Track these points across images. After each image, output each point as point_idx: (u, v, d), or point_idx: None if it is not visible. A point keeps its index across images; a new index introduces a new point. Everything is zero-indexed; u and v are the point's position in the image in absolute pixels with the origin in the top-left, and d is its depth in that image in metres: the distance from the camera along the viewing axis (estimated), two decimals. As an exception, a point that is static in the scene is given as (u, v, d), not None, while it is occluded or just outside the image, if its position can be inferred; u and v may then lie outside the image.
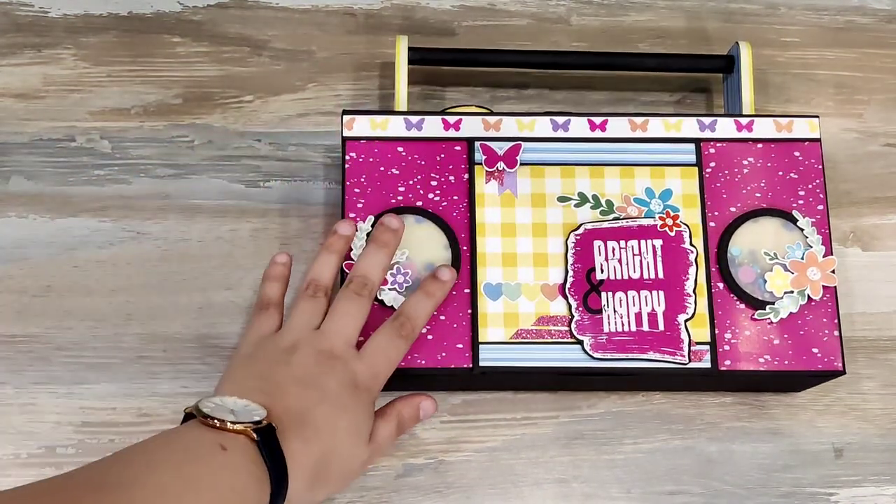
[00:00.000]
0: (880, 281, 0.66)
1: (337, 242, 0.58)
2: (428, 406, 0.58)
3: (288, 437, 0.49)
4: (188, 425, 0.48)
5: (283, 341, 0.54)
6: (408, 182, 0.60)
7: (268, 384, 0.51)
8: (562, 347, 0.57)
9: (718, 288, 0.59)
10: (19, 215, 0.64)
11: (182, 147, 0.67)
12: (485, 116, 0.61)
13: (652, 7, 0.73)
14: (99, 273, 0.63)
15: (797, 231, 0.60)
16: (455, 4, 0.72)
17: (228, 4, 0.71)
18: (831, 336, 0.58)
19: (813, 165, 0.61)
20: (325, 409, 0.51)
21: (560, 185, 0.60)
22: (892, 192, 0.69)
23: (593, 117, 0.61)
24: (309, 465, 0.49)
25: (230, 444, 0.46)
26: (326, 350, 0.53)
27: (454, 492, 0.60)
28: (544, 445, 0.61)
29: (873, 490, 0.62)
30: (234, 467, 0.46)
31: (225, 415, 0.48)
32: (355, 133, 0.61)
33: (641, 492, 0.61)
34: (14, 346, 0.61)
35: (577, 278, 0.58)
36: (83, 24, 0.69)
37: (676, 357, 0.57)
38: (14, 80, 0.67)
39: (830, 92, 0.71)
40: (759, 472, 0.62)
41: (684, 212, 0.60)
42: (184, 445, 0.47)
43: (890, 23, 0.73)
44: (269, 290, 0.58)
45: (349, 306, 0.55)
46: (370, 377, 0.54)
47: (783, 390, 0.63)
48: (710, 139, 0.61)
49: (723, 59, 0.67)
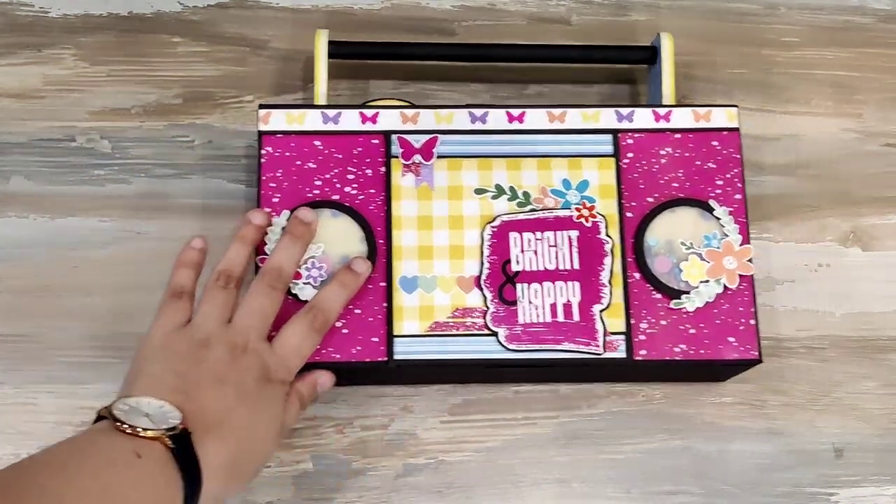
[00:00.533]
0: (880, 281, 0.67)
1: (249, 232, 0.57)
2: (324, 381, 0.57)
3: (204, 438, 0.48)
4: (101, 430, 0.47)
5: (197, 335, 0.53)
6: (324, 176, 0.60)
7: (184, 383, 0.50)
8: (477, 339, 0.57)
9: (635, 278, 0.59)
10: (19, 215, 0.64)
11: (182, 147, 0.67)
12: (402, 110, 0.61)
13: (652, 7, 0.73)
14: (98, 273, 0.63)
15: (714, 220, 0.60)
16: (455, 4, 0.72)
17: (228, 4, 0.71)
18: (747, 325, 0.58)
19: (731, 155, 0.61)
20: (241, 407, 0.51)
21: (477, 178, 0.60)
22: (892, 191, 0.69)
23: (511, 109, 0.61)
24: (224, 465, 0.49)
25: (144, 452, 0.46)
26: (240, 345, 0.53)
27: (454, 492, 0.60)
28: (544, 445, 0.61)
29: (873, 490, 0.62)
30: (149, 475, 0.46)
31: (139, 419, 0.47)
32: (271, 127, 0.60)
33: (641, 492, 0.61)
34: (14, 345, 0.62)
35: (493, 270, 0.58)
36: (83, 24, 0.69)
37: (591, 347, 0.57)
38: (14, 80, 0.67)
39: (829, 92, 0.71)
40: (759, 472, 0.62)
41: (601, 202, 0.60)
42: (98, 452, 0.46)
43: (889, 22, 0.73)
44: (182, 278, 0.57)
45: (262, 300, 0.55)
46: (283, 370, 0.54)
47: (706, 380, 0.63)
48: (628, 130, 0.61)
49: (646, 50, 0.67)
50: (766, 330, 0.64)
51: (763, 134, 0.69)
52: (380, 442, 0.61)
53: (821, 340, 0.65)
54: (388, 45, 0.67)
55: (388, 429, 0.61)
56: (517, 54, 0.68)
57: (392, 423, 0.61)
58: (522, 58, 0.68)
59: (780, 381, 0.64)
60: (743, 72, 0.71)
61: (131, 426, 0.46)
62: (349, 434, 0.61)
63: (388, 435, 0.61)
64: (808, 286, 0.66)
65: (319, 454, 0.61)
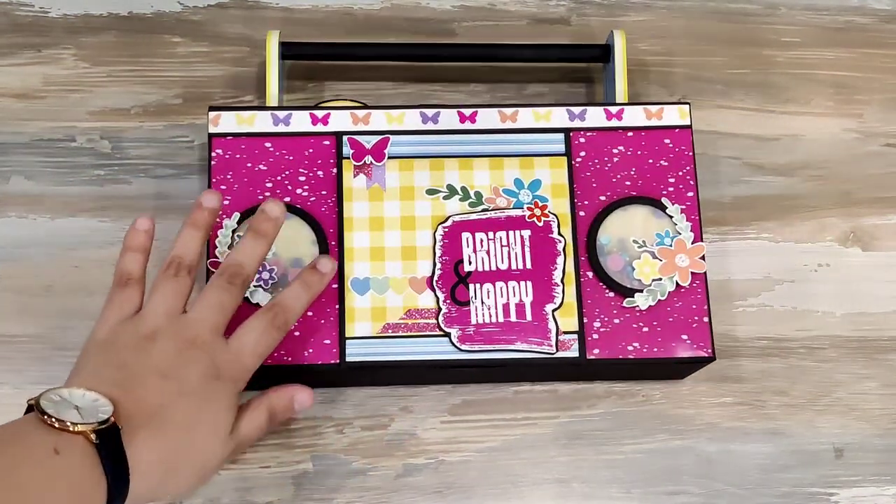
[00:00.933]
0: (880, 281, 0.66)
1: (202, 217, 0.54)
2: (303, 398, 0.55)
3: (136, 433, 0.46)
4: (25, 421, 0.45)
5: (144, 327, 0.51)
6: (275, 178, 0.59)
7: (123, 376, 0.48)
8: (429, 340, 0.57)
9: (587, 277, 0.59)
10: (19, 215, 0.64)
11: (182, 147, 0.67)
12: (353, 110, 0.61)
13: (652, 7, 0.73)
14: (99, 273, 0.63)
15: (666, 218, 0.60)
16: (455, 4, 0.72)
17: (228, 4, 0.71)
18: (701, 322, 0.58)
19: (683, 152, 0.61)
20: (181, 403, 0.49)
21: (429, 178, 0.60)
22: (892, 192, 0.69)
23: (463, 109, 0.61)
24: (157, 462, 0.47)
25: (65, 447, 0.44)
26: (190, 338, 0.50)
27: (454, 492, 0.60)
28: (544, 445, 0.61)
29: (873, 490, 0.62)
30: (68, 471, 0.44)
31: (68, 412, 0.45)
32: (221, 129, 0.60)
33: (641, 492, 0.61)
34: (14, 345, 0.62)
35: (445, 270, 0.58)
36: (83, 24, 0.69)
37: (544, 347, 0.57)
38: (14, 80, 0.67)
39: (830, 92, 0.71)
40: (759, 473, 0.62)
41: (553, 202, 0.60)
42: (14, 446, 0.44)
43: (890, 23, 0.73)
44: (129, 264, 0.54)
45: (220, 295, 0.52)
46: (236, 368, 0.51)
47: (664, 377, 0.63)
48: (580, 128, 0.61)
49: (598, 49, 0.66)
50: (767, 330, 0.65)
51: (763, 134, 0.69)
52: (380, 442, 0.61)
53: (821, 340, 0.65)
54: (341, 45, 0.67)
55: (388, 429, 0.61)
56: (469, 53, 0.67)
57: (392, 423, 0.61)
58: (473, 57, 0.67)
59: (780, 381, 0.64)
60: (743, 72, 0.71)
61: (58, 419, 0.44)
62: (349, 434, 0.61)
63: (388, 435, 0.61)
64: (808, 286, 0.66)
65: (319, 454, 0.61)
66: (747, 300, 0.65)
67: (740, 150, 0.69)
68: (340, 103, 0.62)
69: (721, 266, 0.66)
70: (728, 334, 0.64)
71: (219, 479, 0.59)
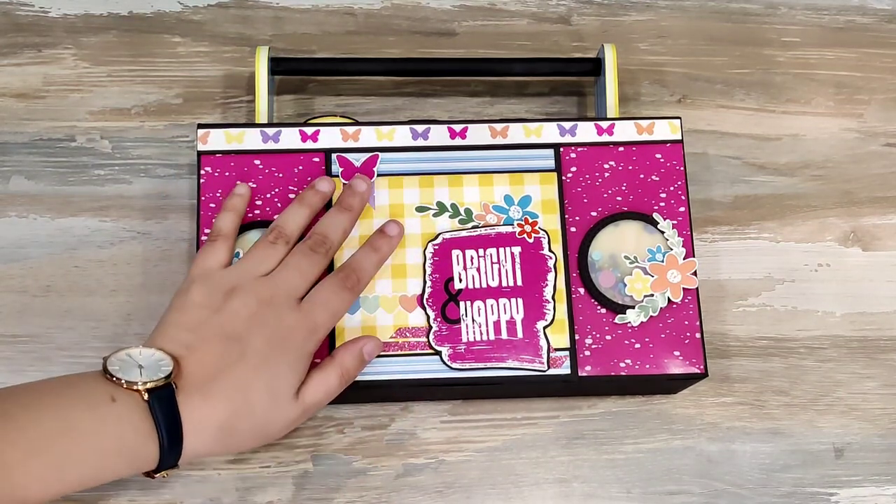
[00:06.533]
0: (880, 281, 0.66)
1: (312, 197, 0.57)
2: (371, 347, 0.55)
3: (192, 394, 0.48)
4: (90, 373, 0.48)
5: (225, 282, 0.53)
6: (265, 195, 0.59)
7: (192, 337, 0.50)
8: (420, 359, 0.57)
9: (579, 293, 0.58)
10: (19, 215, 0.64)
11: (182, 147, 0.67)
12: (343, 127, 0.60)
13: (652, 7, 0.73)
14: (99, 273, 0.63)
15: (658, 234, 0.59)
16: (455, 4, 0.72)
17: (228, 4, 0.71)
18: (693, 338, 0.58)
19: (675, 167, 0.61)
20: (240, 367, 0.50)
21: (418, 195, 0.59)
22: (892, 192, 0.69)
23: (454, 125, 0.61)
24: (212, 423, 0.49)
25: (120, 397, 0.47)
26: (265, 298, 0.52)
27: (454, 492, 0.60)
28: (545, 445, 0.61)
29: (873, 490, 0.62)
30: (118, 420, 0.46)
31: (131, 371, 0.48)
32: (210, 147, 0.60)
33: (641, 492, 0.61)
34: (15, 345, 0.62)
35: (435, 288, 0.58)
36: (83, 23, 0.69)
37: (535, 364, 0.57)
38: (14, 80, 0.67)
39: (831, 92, 0.71)
40: (760, 472, 0.62)
41: (543, 218, 0.59)
42: (73, 391, 0.47)
43: (890, 23, 0.73)
44: (221, 221, 0.57)
45: (302, 261, 0.54)
46: (306, 330, 0.52)
47: (656, 393, 0.63)
48: (571, 144, 0.61)
49: (590, 62, 0.66)
50: (767, 330, 0.65)
51: (763, 134, 0.69)
52: (380, 442, 0.61)
53: (821, 340, 0.65)
54: (330, 60, 0.67)
55: (389, 429, 0.61)
56: (460, 68, 0.66)
57: (392, 423, 0.61)
58: (465, 72, 0.67)
59: (780, 381, 0.64)
60: (744, 71, 0.71)
61: (115, 377, 0.47)
62: (349, 434, 0.61)
63: (388, 435, 0.61)
64: (809, 286, 0.66)
65: (320, 454, 0.61)
66: (748, 300, 0.65)
67: (741, 149, 0.69)
68: (330, 119, 0.62)
69: (721, 266, 0.66)
70: (728, 334, 0.64)
71: (219, 479, 0.59)
